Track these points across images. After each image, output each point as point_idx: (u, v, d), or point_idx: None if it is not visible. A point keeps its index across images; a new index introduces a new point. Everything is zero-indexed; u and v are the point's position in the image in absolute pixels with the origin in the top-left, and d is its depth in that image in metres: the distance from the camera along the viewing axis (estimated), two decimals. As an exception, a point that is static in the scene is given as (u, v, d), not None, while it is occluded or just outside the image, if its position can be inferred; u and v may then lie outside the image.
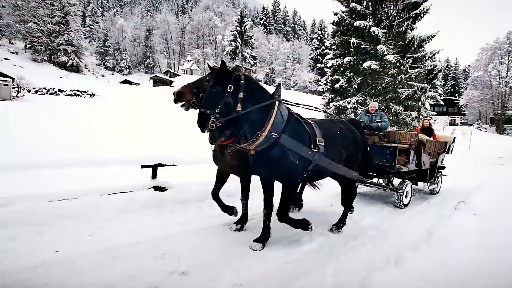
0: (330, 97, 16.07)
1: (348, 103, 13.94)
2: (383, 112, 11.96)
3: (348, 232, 3.52)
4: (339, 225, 3.52)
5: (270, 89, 2.79)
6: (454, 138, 6.51)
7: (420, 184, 5.79)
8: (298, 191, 4.36)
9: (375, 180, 5.14)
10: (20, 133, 8.30)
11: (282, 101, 2.70)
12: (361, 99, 13.83)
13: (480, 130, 37.82)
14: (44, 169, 3.53)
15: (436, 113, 25.73)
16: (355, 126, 3.72)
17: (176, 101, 2.59)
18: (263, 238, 2.93)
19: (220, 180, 3.46)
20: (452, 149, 6.38)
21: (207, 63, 2.80)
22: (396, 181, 5.29)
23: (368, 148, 3.99)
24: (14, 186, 3.50)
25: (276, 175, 2.77)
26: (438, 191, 6.20)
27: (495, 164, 13.79)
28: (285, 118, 2.59)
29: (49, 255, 2.43)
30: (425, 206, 5.09)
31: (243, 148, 2.66)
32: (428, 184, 5.63)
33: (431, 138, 6.33)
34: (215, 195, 3.43)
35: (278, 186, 2.86)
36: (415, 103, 13.24)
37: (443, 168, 6.37)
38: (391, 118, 13.01)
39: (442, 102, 18.53)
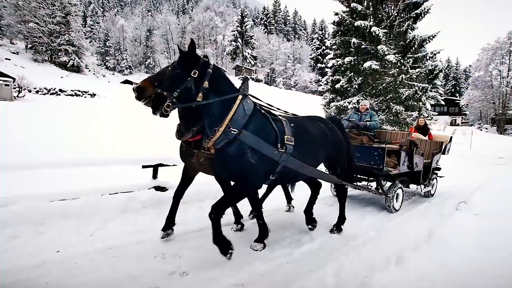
0: (331, 97, 16.04)
1: (349, 103, 13.92)
2: (378, 111, 11.94)
3: (349, 232, 3.52)
4: (339, 224, 3.51)
5: (270, 89, 2.77)
6: (451, 137, 6.16)
7: (414, 187, 5.53)
8: (285, 192, 4.26)
9: (364, 183, 4.99)
10: (20, 133, 8.31)
11: (249, 96, 2.50)
12: (361, 99, 13.82)
13: (481, 130, 37.74)
14: (44, 169, 3.53)
15: (437, 113, 25.66)
16: (335, 123, 3.47)
17: (138, 98, 2.24)
18: (263, 237, 2.94)
19: (187, 180, 3.13)
20: (449, 149, 6.04)
21: (178, 46, 2.62)
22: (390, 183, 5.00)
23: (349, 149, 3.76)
24: (14, 186, 3.51)
25: (234, 175, 2.48)
26: (433, 193, 5.92)
27: (496, 164, 13.76)
28: (249, 113, 2.38)
29: (50, 255, 2.44)
30: (425, 206, 5.09)
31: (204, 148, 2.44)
32: (422, 186, 5.38)
33: (426, 138, 6.11)
34: (177, 198, 3.06)
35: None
36: (416, 103, 13.21)
37: (439, 169, 6.07)
38: (391, 118, 12.99)
39: (443, 102, 18.53)
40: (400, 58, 12.50)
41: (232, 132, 2.25)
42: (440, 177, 6.18)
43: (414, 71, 13.06)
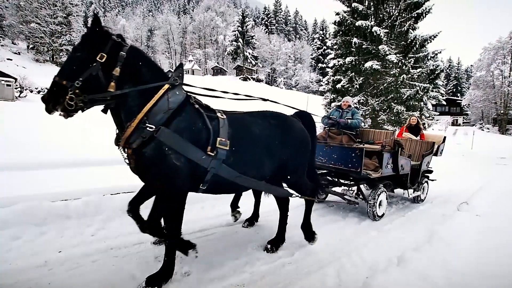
0: (332, 97, 16.02)
1: (350, 103, 13.92)
2: (379, 111, 11.87)
3: (350, 232, 3.52)
4: (277, 242, 2.88)
5: (271, 89, 2.66)
6: (444, 138, 5.64)
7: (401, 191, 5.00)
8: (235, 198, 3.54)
9: (343, 188, 4.55)
10: (22, 133, 8.33)
11: (181, 86, 2.08)
12: (362, 99, 13.81)
13: (482, 130, 37.66)
14: (46, 169, 3.54)
15: (438, 113, 25.57)
16: (303, 120, 2.96)
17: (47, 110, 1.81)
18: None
19: (146, 191, 2.44)
20: (442, 150, 5.50)
21: (83, 22, 1.99)
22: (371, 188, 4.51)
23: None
24: (16, 186, 3.52)
25: (153, 182, 2.07)
26: (424, 198, 5.41)
27: (498, 164, 13.72)
28: (173, 106, 1.95)
29: (52, 255, 2.45)
30: (427, 206, 5.08)
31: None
32: (410, 191, 4.84)
33: (418, 138, 5.72)
34: (133, 210, 2.40)
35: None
36: (417, 103, 13.20)
37: (430, 172, 5.54)
38: (392, 118, 12.96)
39: (444, 102, 18.45)
40: (402, 58, 12.49)
41: (148, 129, 1.84)
42: (432, 180, 5.65)
43: (415, 71, 13.05)
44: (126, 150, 1.97)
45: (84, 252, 2.54)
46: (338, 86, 14.63)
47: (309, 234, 3.03)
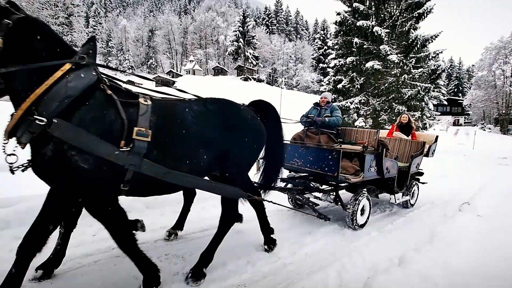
0: (333, 97, 16.03)
1: (351, 103, 13.90)
2: (380, 111, 11.79)
3: (351, 232, 3.52)
4: (198, 270, 2.25)
5: (270, 89, 2.54)
6: (437, 137, 5.23)
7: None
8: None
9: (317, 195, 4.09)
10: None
11: (89, 66, 1.66)
12: (364, 99, 13.80)
13: (484, 130, 37.58)
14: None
15: (439, 113, 25.54)
16: (261, 110, 2.61)
17: None
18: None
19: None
20: (434, 150, 5.05)
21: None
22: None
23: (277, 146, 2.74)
24: (17, 187, 3.53)
25: (57, 187, 1.76)
26: (414, 203, 4.97)
27: (499, 164, 13.67)
28: (75, 92, 1.55)
29: (54, 255, 2.45)
30: (428, 207, 5.07)
31: None
32: (398, 195, 4.42)
33: (410, 137, 5.31)
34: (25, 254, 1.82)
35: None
36: (418, 103, 13.17)
37: (420, 174, 5.11)
38: (393, 118, 12.94)
39: (445, 102, 18.38)
40: (403, 58, 12.47)
41: (37, 122, 1.45)
42: (423, 183, 5.18)
43: (416, 71, 13.02)
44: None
45: (86, 252, 2.55)
46: (339, 86, 14.62)
47: (269, 240, 2.84)
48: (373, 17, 13.46)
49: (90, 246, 2.68)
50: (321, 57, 58.66)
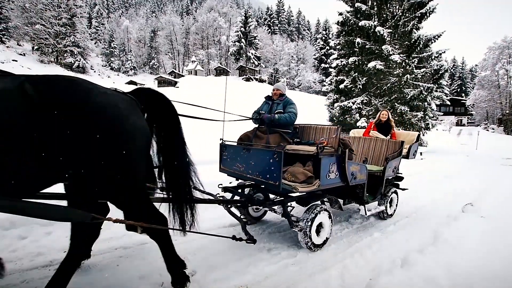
0: (335, 98, 16.00)
1: (353, 103, 13.88)
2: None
3: (353, 234, 3.51)
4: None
5: (269, 89, 2.31)
6: (418, 135, 4.65)
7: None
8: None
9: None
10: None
11: None
12: (366, 100, 13.77)
13: (487, 130, 37.35)
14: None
15: (442, 113, 25.45)
16: (141, 99, 1.93)
17: None
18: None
19: None
20: (415, 151, 4.40)
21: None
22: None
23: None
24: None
25: None
26: (392, 213, 4.26)
27: (503, 165, 13.58)
28: None
29: (57, 255, 2.47)
30: (431, 208, 5.03)
31: None
32: (370, 205, 3.74)
33: (388, 137, 4.64)
34: None
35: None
36: (421, 103, 13.13)
37: (399, 179, 4.40)
38: (396, 118, 12.90)
39: (448, 102, 18.30)
40: (405, 58, 12.44)
41: None
42: (403, 189, 4.47)
43: (419, 71, 12.99)
44: None
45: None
46: (341, 86, 14.61)
47: (177, 278, 2.09)
48: (375, 17, 13.44)
49: (93, 246, 2.69)
50: (323, 57, 58.64)
